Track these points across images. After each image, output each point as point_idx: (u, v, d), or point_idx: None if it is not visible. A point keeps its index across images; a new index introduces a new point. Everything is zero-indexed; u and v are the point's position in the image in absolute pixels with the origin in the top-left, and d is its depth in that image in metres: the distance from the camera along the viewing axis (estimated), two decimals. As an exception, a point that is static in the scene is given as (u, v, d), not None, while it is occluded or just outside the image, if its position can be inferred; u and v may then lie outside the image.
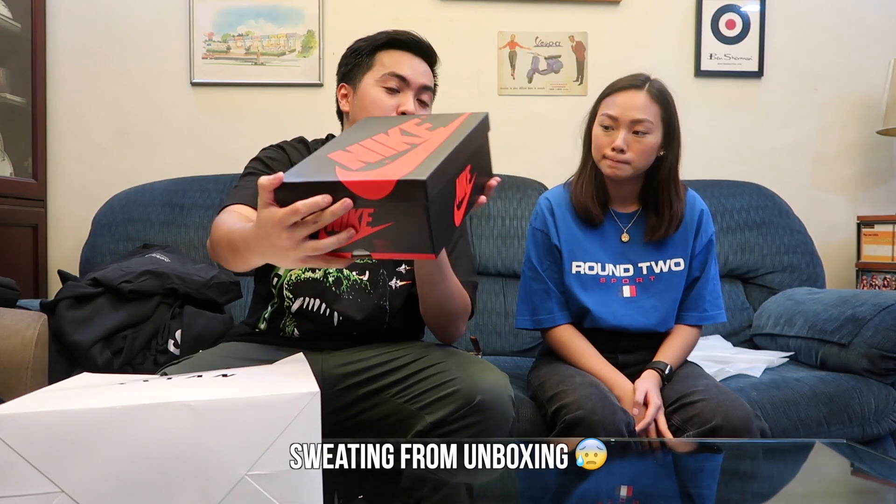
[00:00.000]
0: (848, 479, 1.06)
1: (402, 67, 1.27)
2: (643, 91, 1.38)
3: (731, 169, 2.39)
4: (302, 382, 0.65)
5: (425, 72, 1.31)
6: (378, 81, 1.27)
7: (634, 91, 1.38)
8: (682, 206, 1.45)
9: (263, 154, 1.34)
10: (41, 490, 0.56)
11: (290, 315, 1.29)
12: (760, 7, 2.43)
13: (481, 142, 1.00)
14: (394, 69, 1.27)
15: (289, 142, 1.38)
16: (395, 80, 1.27)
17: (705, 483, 1.04)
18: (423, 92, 1.30)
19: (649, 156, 1.40)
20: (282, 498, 0.60)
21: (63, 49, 2.26)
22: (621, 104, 1.38)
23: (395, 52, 1.29)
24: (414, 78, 1.28)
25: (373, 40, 1.30)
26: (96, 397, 0.60)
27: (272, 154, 1.33)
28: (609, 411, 1.24)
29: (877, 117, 2.39)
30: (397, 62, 1.28)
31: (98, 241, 2.01)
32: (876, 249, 2.30)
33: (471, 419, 1.08)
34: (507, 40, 2.38)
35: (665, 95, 1.40)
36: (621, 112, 1.38)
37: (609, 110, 1.39)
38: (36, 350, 1.46)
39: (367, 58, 1.30)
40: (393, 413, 1.17)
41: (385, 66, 1.27)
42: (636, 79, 1.40)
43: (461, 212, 0.93)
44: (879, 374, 1.61)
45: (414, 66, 1.29)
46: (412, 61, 1.29)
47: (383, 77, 1.27)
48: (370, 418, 1.19)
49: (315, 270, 1.28)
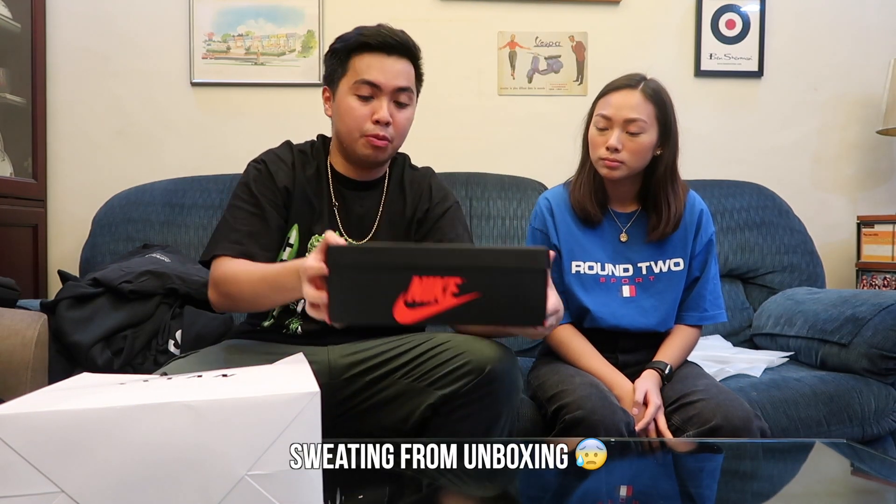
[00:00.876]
0: (848, 479, 1.06)
1: (373, 73, 1.23)
2: (637, 90, 1.38)
3: (731, 169, 2.39)
4: (302, 382, 0.65)
5: (401, 71, 1.25)
6: (351, 89, 1.24)
7: (628, 91, 1.38)
8: (681, 205, 1.44)
9: (251, 178, 1.29)
10: (41, 490, 0.56)
11: (297, 315, 1.30)
12: (760, 7, 2.43)
13: (509, 289, 0.88)
14: (364, 76, 1.23)
15: (274, 151, 1.34)
16: (366, 88, 1.23)
17: (705, 483, 1.04)
18: (400, 94, 1.26)
19: (644, 155, 1.40)
20: (282, 498, 0.60)
21: (63, 49, 2.26)
22: (615, 104, 1.38)
23: (367, 55, 1.23)
24: (386, 82, 1.23)
25: (346, 43, 1.26)
26: (96, 397, 0.60)
27: (256, 178, 1.29)
28: (609, 411, 1.24)
29: (877, 117, 2.39)
30: (369, 67, 1.23)
31: (98, 241, 2.01)
32: (876, 249, 2.30)
33: (484, 390, 1.10)
34: (507, 40, 2.38)
35: (660, 94, 1.39)
36: (615, 112, 1.38)
37: (603, 110, 1.40)
38: (36, 350, 1.46)
39: (343, 62, 1.26)
40: (402, 393, 1.17)
41: (357, 72, 1.23)
42: (630, 79, 1.40)
43: (410, 312, 0.86)
44: (879, 374, 1.61)
45: (386, 68, 1.24)
46: (384, 63, 1.24)
47: (355, 84, 1.23)
48: (380, 401, 1.19)
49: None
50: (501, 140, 2.38)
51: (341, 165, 1.34)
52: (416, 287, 0.84)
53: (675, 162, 1.43)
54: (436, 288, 0.84)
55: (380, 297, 0.85)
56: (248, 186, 1.28)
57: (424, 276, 0.84)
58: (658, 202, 1.44)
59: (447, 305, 0.85)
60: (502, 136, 2.38)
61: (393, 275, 0.85)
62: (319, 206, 1.31)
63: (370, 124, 1.24)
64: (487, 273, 0.85)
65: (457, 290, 0.84)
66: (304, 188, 1.31)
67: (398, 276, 0.85)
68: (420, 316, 0.85)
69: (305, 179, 1.31)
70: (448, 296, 0.84)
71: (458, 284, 0.84)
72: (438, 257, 0.87)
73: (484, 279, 0.85)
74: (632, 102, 1.37)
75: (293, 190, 1.29)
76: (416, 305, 0.85)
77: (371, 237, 1.32)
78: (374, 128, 1.24)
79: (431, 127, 2.37)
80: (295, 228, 1.30)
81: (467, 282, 0.84)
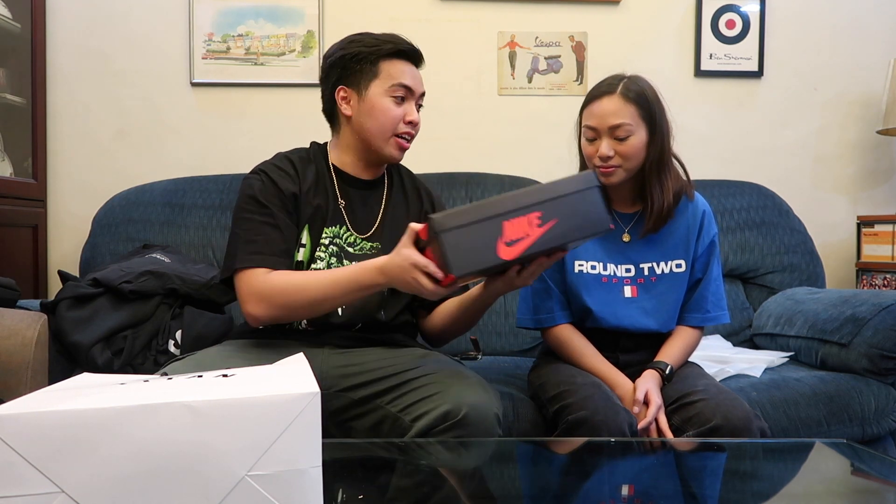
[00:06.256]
0: (848, 479, 1.06)
1: (407, 77, 1.33)
2: (616, 95, 1.37)
3: (731, 169, 2.39)
4: (302, 382, 0.65)
5: (421, 78, 1.38)
6: (387, 91, 1.32)
7: (607, 98, 1.38)
8: (669, 197, 1.42)
9: (256, 190, 1.30)
10: (41, 490, 0.56)
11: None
12: (760, 7, 2.43)
13: (576, 208, 1.10)
14: (401, 80, 1.32)
15: (271, 162, 1.35)
16: (402, 90, 1.33)
17: (706, 483, 1.04)
18: (421, 98, 1.37)
19: (638, 155, 1.40)
20: (282, 498, 0.60)
21: (63, 49, 2.27)
22: (597, 114, 1.38)
23: (398, 61, 1.33)
24: (416, 87, 1.35)
25: (376, 48, 1.32)
26: (96, 397, 0.60)
27: (261, 188, 1.30)
28: (612, 412, 1.25)
29: (877, 117, 2.39)
30: (402, 72, 1.33)
31: (98, 241, 2.01)
32: (876, 249, 2.30)
33: (455, 432, 1.11)
34: (507, 40, 2.38)
35: (640, 93, 1.38)
36: (598, 122, 1.38)
37: (588, 122, 1.41)
38: (36, 350, 1.46)
39: (371, 66, 1.32)
40: (383, 420, 1.21)
41: (392, 76, 1.32)
42: (609, 84, 1.40)
43: (512, 249, 1.05)
44: (879, 374, 1.61)
45: (414, 74, 1.35)
46: (412, 70, 1.35)
47: (392, 87, 1.32)
48: (362, 423, 1.23)
49: (319, 264, 1.33)
50: (501, 140, 2.38)
51: (347, 164, 1.38)
52: (508, 228, 1.04)
53: (663, 156, 1.41)
54: (523, 225, 1.05)
55: (484, 245, 1.04)
56: (254, 199, 1.29)
57: (511, 218, 1.05)
58: (645, 196, 1.44)
59: (536, 235, 1.06)
60: (502, 136, 2.38)
61: (488, 224, 1.04)
62: (326, 205, 1.35)
63: (403, 125, 1.33)
64: (558, 201, 1.07)
65: (539, 221, 1.05)
66: (311, 190, 1.34)
67: (492, 224, 1.04)
68: (519, 250, 1.05)
69: (310, 182, 1.34)
70: (534, 228, 1.05)
71: (539, 217, 1.05)
72: (516, 201, 1.06)
73: (557, 207, 1.07)
74: (612, 108, 1.37)
75: (300, 194, 1.32)
76: (513, 243, 1.05)
77: (373, 232, 1.37)
78: (406, 128, 1.34)
79: (431, 127, 2.37)
80: (306, 229, 1.33)
81: (545, 213, 1.06)
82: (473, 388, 1.17)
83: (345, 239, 1.34)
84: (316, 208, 1.33)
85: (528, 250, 1.05)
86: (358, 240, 1.35)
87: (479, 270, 1.08)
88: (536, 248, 1.06)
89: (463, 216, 1.04)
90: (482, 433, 1.12)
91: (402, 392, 1.20)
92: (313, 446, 0.62)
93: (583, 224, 1.09)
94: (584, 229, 1.10)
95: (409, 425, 1.15)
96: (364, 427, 1.22)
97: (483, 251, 1.04)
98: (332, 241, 1.33)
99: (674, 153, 1.45)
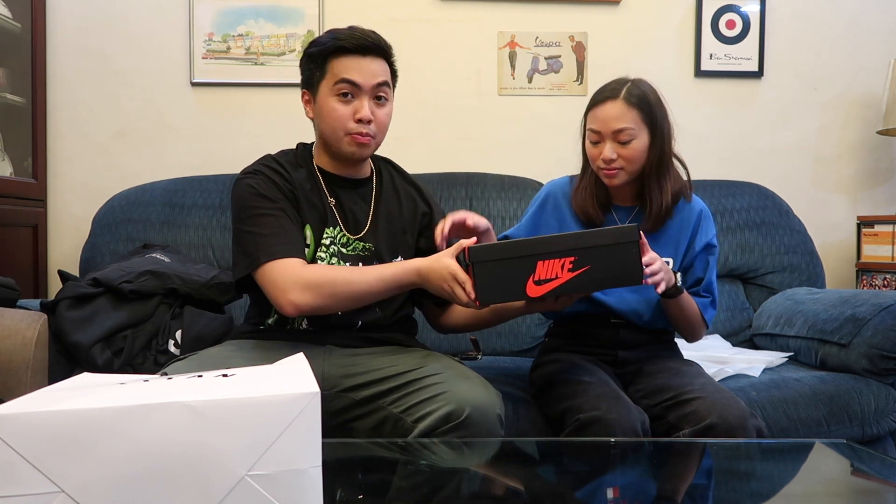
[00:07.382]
0: (848, 479, 1.06)
1: (352, 73, 1.28)
2: (619, 100, 1.38)
3: (731, 169, 2.39)
4: (302, 382, 0.65)
5: (378, 70, 1.30)
6: (332, 90, 1.29)
7: (611, 102, 1.39)
8: (668, 199, 1.44)
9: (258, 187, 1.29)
10: (41, 490, 0.56)
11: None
12: (760, 7, 2.43)
13: (611, 259, 1.14)
14: (344, 75, 1.28)
15: (261, 162, 1.35)
16: (347, 86, 1.28)
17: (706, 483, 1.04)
18: (379, 89, 1.30)
19: (640, 158, 1.41)
20: (282, 498, 0.60)
21: (63, 49, 2.26)
22: (601, 118, 1.39)
23: (344, 57, 1.28)
24: (365, 81, 1.28)
25: (324, 46, 1.30)
26: (96, 397, 0.60)
27: (262, 185, 1.29)
28: (625, 410, 1.24)
29: (877, 117, 2.39)
30: (346, 68, 1.28)
31: (98, 241, 2.01)
32: (876, 249, 2.30)
33: (458, 433, 1.10)
34: (507, 40, 2.38)
35: (643, 98, 1.39)
36: (602, 126, 1.39)
37: (592, 125, 1.42)
38: (36, 350, 1.46)
39: (320, 66, 1.30)
40: (385, 420, 1.20)
41: (335, 74, 1.28)
42: (612, 89, 1.40)
43: (539, 288, 1.12)
44: (879, 374, 1.61)
45: (363, 68, 1.28)
46: (361, 64, 1.28)
47: (336, 85, 1.28)
48: (364, 424, 1.22)
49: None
50: (501, 140, 2.38)
51: (329, 165, 1.37)
52: (541, 268, 1.11)
53: (663, 158, 1.42)
54: (555, 267, 1.11)
55: (514, 280, 1.11)
56: (261, 195, 1.28)
57: (546, 259, 1.11)
58: (644, 197, 1.45)
59: (566, 278, 1.11)
60: (502, 136, 2.38)
61: (522, 262, 1.11)
62: (323, 206, 1.34)
63: (352, 123, 1.29)
64: (594, 250, 1.12)
65: (571, 266, 1.11)
66: (304, 189, 1.33)
67: (526, 262, 1.11)
68: (546, 289, 1.11)
69: (301, 181, 1.34)
70: (566, 272, 1.11)
71: (572, 262, 1.11)
72: (554, 244, 1.12)
73: (592, 255, 1.12)
74: (616, 113, 1.38)
75: (297, 192, 1.32)
76: (543, 282, 1.11)
77: (365, 232, 1.36)
78: (357, 126, 1.29)
79: (431, 127, 2.37)
80: (308, 229, 1.32)
81: (578, 259, 1.11)
82: (476, 389, 1.16)
83: (339, 239, 1.34)
84: (312, 207, 1.33)
85: (554, 291, 1.12)
86: (350, 240, 1.34)
87: (504, 301, 1.16)
88: (563, 292, 1.13)
89: (500, 251, 1.11)
90: (485, 434, 1.11)
91: (404, 393, 1.19)
92: (313, 446, 0.62)
93: (614, 276, 1.14)
94: (613, 280, 1.16)
95: (412, 426, 1.15)
96: (366, 428, 1.22)
97: (512, 286, 1.11)
98: (332, 241, 1.33)
99: (675, 154, 1.46)
